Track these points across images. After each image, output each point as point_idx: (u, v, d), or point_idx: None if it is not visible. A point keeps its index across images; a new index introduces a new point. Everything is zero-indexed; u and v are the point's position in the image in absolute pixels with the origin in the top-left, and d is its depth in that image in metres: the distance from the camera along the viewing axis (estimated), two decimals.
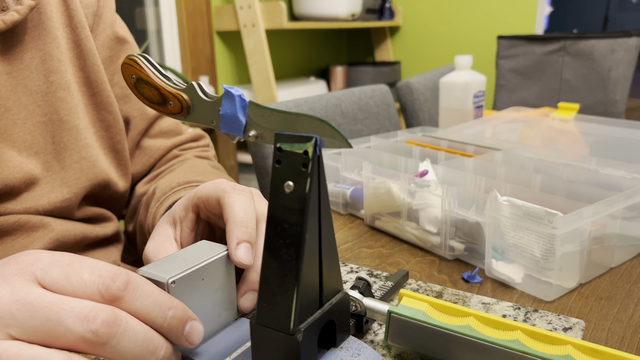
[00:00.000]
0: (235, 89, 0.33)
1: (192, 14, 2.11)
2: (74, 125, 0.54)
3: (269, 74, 2.06)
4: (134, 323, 0.27)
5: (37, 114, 0.52)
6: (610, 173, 0.60)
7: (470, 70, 1.06)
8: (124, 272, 0.28)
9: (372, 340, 0.38)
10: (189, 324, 0.30)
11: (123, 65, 0.37)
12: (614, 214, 0.50)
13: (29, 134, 0.51)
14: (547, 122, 0.92)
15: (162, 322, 0.29)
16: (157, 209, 0.54)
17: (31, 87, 0.52)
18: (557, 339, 0.31)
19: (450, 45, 2.60)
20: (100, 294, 0.27)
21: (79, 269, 0.28)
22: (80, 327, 0.26)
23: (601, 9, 4.74)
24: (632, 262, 0.54)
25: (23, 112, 0.51)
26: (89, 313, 0.26)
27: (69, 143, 0.54)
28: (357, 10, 2.43)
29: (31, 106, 0.52)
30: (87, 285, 0.28)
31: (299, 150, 0.29)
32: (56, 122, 0.53)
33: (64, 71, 0.54)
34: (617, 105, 1.59)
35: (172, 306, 0.29)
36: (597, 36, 1.59)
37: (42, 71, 0.53)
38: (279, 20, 2.06)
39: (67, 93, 0.54)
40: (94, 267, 0.28)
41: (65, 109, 0.54)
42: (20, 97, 0.51)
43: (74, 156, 0.55)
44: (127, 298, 0.28)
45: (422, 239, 0.57)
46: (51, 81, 0.53)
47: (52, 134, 0.53)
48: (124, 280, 0.28)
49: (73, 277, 0.28)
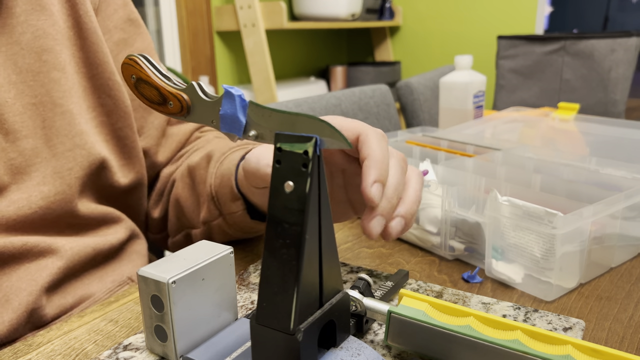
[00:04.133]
0: (235, 89, 0.33)
1: (192, 14, 2.11)
2: (67, 109, 0.50)
3: (269, 74, 2.06)
4: None
5: (27, 94, 0.48)
6: (610, 173, 0.60)
7: (470, 70, 1.06)
8: None
9: (372, 340, 0.38)
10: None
11: (123, 65, 0.37)
12: (614, 214, 0.50)
13: (18, 115, 0.47)
14: (547, 122, 0.92)
15: None
16: (222, 162, 0.53)
17: (21, 65, 0.48)
18: (557, 339, 0.31)
19: (450, 45, 2.60)
20: None
21: None
22: None
23: (601, 9, 4.74)
24: (632, 262, 0.54)
25: (13, 91, 0.47)
26: None
27: (62, 129, 0.50)
28: (357, 10, 2.43)
29: (21, 85, 0.47)
30: None
31: (299, 150, 0.29)
32: (48, 104, 0.49)
33: (59, 50, 0.50)
34: (617, 105, 1.59)
35: None
36: (597, 36, 1.59)
37: (35, 49, 0.48)
38: (279, 20, 2.06)
39: (61, 74, 0.50)
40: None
41: (59, 92, 0.49)
42: (9, 74, 0.47)
43: (67, 143, 0.50)
44: None
45: (422, 239, 0.57)
46: (44, 60, 0.49)
47: (43, 117, 0.49)
48: None
49: None
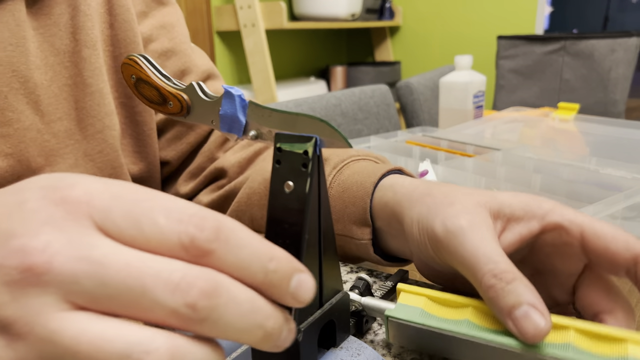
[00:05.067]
0: (235, 89, 0.33)
1: (192, 13, 2.11)
2: (97, 89, 0.48)
3: (269, 74, 2.06)
4: (237, 290, 0.20)
5: (64, 75, 0.47)
6: (610, 173, 0.60)
7: (470, 70, 1.06)
8: (211, 216, 0.21)
9: (372, 340, 0.38)
10: (295, 277, 0.22)
11: (123, 65, 0.37)
12: (614, 214, 0.50)
13: (53, 97, 0.46)
14: (547, 122, 0.92)
15: (262, 279, 0.21)
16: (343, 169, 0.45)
17: (59, 46, 0.46)
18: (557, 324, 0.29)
19: (450, 45, 2.60)
20: (183, 247, 0.20)
21: (151, 210, 0.20)
22: (172, 299, 0.19)
23: (601, 9, 4.75)
24: None
25: (50, 73, 0.46)
26: (181, 280, 0.19)
27: (91, 110, 0.48)
28: (357, 10, 2.43)
29: (58, 67, 0.46)
30: (165, 234, 0.20)
31: (299, 150, 0.29)
32: (79, 85, 0.47)
33: (90, 27, 0.48)
34: (617, 105, 1.59)
35: (273, 256, 0.21)
36: (597, 36, 1.59)
37: (70, 28, 0.47)
38: (279, 20, 2.06)
39: (92, 51, 0.48)
40: (170, 207, 0.21)
41: (89, 70, 0.48)
42: (47, 56, 0.46)
43: (97, 125, 0.48)
44: (219, 252, 0.20)
45: None
46: (77, 39, 0.47)
47: (76, 98, 0.47)
48: (214, 227, 0.20)
49: (144, 223, 0.20)
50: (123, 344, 0.18)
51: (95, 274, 0.19)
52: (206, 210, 0.21)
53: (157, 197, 0.21)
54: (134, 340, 0.19)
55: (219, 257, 0.20)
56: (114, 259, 0.19)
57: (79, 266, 0.19)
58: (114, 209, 0.20)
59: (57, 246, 0.19)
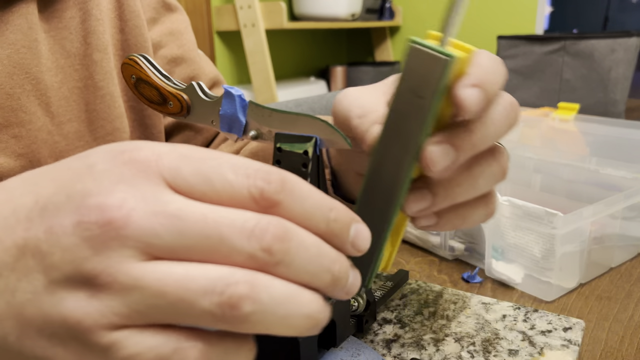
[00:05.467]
0: (235, 89, 0.33)
1: (192, 13, 2.11)
2: (108, 92, 0.49)
3: (269, 74, 2.06)
4: (304, 235, 0.21)
5: (74, 78, 0.47)
6: (610, 173, 0.60)
7: None
8: (275, 170, 0.22)
9: (372, 340, 0.38)
10: (354, 226, 0.23)
11: (123, 65, 0.37)
12: (614, 214, 0.50)
13: (63, 99, 0.47)
14: (547, 122, 0.92)
15: (324, 228, 0.22)
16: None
17: (69, 49, 0.47)
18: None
19: None
20: (253, 199, 0.21)
21: (219, 166, 0.21)
22: (249, 245, 0.20)
23: (601, 9, 4.75)
24: (632, 262, 0.54)
25: (60, 75, 0.47)
26: (255, 227, 0.20)
27: (102, 112, 0.49)
28: (357, 10, 2.43)
29: (68, 69, 0.47)
30: (235, 188, 0.21)
31: (299, 150, 0.29)
32: (90, 87, 0.48)
33: (102, 31, 0.49)
34: (617, 105, 1.59)
35: (333, 207, 0.23)
36: (597, 36, 1.59)
37: (81, 32, 0.48)
38: (279, 20, 2.06)
39: (103, 55, 0.49)
40: (237, 164, 0.22)
41: (100, 74, 0.49)
42: (58, 59, 0.47)
43: (107, 127, 0.49)
44: (285, 202, 0.21)
45: (422, 239, 0.57)
46: (88, 43, 0.48)
47: (86, 100, 0.48)
48: (279, 179, 0.21)
49: (214, 179, 0.21)
50: (206, 280, 0.19)
51: (173, 226, 0.20)
52: (269, 165, 0.22)
53: (222, 156, 0.22)
54: (215, 276, 0.20)
55: (286, 207, 0.21)
56: (190, 212, 0.20)
57: (157, 220, 0.20)
58: (183, 167, 0.21)
59: (132, 202, 0.20)
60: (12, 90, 0.43)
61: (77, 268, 0.20)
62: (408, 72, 0.26)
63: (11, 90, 0.43)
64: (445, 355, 0.36)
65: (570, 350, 0.36)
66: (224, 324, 0.20)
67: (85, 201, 0.20)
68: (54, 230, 0.20)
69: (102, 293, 0.20)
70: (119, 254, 0.20)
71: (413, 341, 0.38)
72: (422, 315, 0.41)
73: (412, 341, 0.38)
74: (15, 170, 0.43)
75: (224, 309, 0.19)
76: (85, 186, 0.21)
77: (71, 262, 0.20)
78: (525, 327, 0.39)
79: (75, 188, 0.21)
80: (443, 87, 0.26)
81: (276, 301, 0.20)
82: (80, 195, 0.20)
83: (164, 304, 0.20)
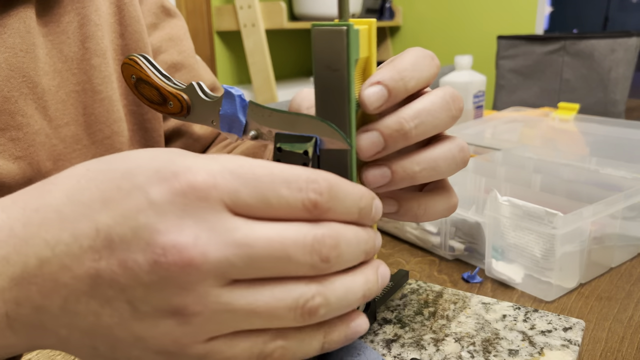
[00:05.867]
0: (235, 89, 0.33)
1: (192, 13, 2.11)
2: (106, 96, 0.50)
3: (269, 74, 2.06)
4: (348, 234, 0.25)
5: (71, 82, 0.48)
6: (610, 173, 0.60)
7: (470, 70, 1.06)
8: (321, 177, 0.24)
9: (372, 340, 0.38)
10: (374, 206, 0.27)
11: (123, 65, 0.37)
12: (614, 214, 0.50)
13: (60, 102, 0.47)
14: (547, 122, 0.92)
15: (357, 216, 0.26)
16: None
17: (67, 53, 0.48)
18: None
19: (450, 45, 2.60)
20: (307, 210, 0.23)
21: (272, 184, 0.23)
22: (311, 259, 0.23)
23: (601, 9, 4.75)
24: (632, 262, 0.54)
25: (57, 79, 0.47)
26: (313, 242, 0.23)
27: (101, 116, 0.49)
28: (357, 10, 2.43)
29: (66, 73, 0.48)
30: (291, 203, 0.23)
31: (299, 150, 0.29)
32: (89, 92, 0.49)
33: (100, 36, 0.49)
34: (617, 105, 1.59)
35: (362, 195, 0.26)
36: (597, 36, 1.59)
37: (79, 37, 0.48)
38: (279, 20, 2.06)
39: (102, 60, 0.49)
40: (287, 177, 0.23)
41: (99, 78, 0.49)
42: (55, 62, 0.47)
43: (105, 130, 0.50)
44: (333, 208, 0.24)
45: (422, 239, 0.57)
46: (87, 47, 0.49)
47: (84, 104, 0.49)
48: (327, 188, 0.24)
49: (270, 197, 0.23)
50: (290, 299, 0.23)
51: (245, 254, 0.22)
52: (313, 171, 0.24)
53: (272, 169, 0.23)
54: (296, 295, 0.23)
55: (333, 211, 0.24)
56: (256, 237, 0.22)
57: (229, 250, 0.22)
58: (240, 189, 0.22)
59: (204, 237, 0.21)
60: (9, 93, 0.43)
61: (165, 302, 0.22)
62: (318, 52, 0.29)
63: (8, 93, 0.43)
64: (445, 355, 0.36)
65: (570, 350, 0.36)
66: (302, 324, 0.24)
67: (156, 239, 0.21)
68: (128, 265, 0.21)
69: (194, 319, 0.22)
70: (202, 285, 0.22)
71: (413, 341, 0.38)
72: (422, 315, 0.41)
73: (412, 341, 0.38)
74: (13, 173, 0.43)
75: (305, 317, 0.23)
76: (149, 221, 0.21)
77: (157, 298, 0.22)
78: (525, 327, 0.39)
79: (138, 221, 0.21)
80: (355, 55, 0.28)
81: (340, 298, 0.24)
82: (147, 231, 0.21)
83: (255, 321, 0.23)
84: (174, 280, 0.21)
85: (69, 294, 0.22)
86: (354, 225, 0.25)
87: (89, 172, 0.24)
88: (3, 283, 0.23)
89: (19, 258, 0.23)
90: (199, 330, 0.22)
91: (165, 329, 0.22)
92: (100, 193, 0.23)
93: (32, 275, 0.22)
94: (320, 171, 0.25)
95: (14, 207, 0.24)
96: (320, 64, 0.29)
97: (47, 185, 0.24)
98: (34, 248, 0.22)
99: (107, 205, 0.22)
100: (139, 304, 0.22)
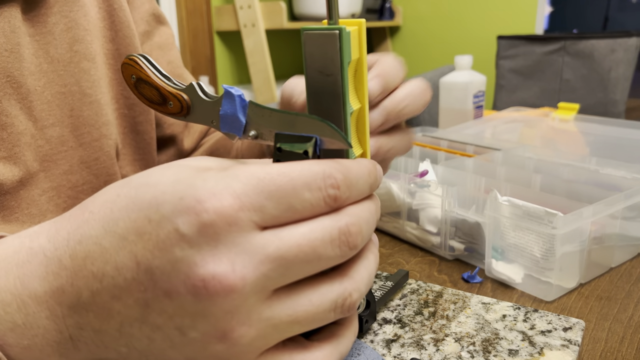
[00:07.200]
0: (235, 89, 0.33)
1: (192, 13, 2.11)
2: (95, 99, 0.50)
3: (269, 74, 2.06)
4: (366, 215, 0.26)
5: (58, 83, 0.48)
6: (610, 173, 0.60)
7: (470, 70, 1.06)
8: (334, 169, 0.25)
9: (372, 340, 0.38)
10: (378, 176, 0.28)
11: (123, 65, 0.37)
12: (614, 214, 0.50)
13: (46, 103, 0.47)
14: (547, 122, 0.92)
15: (369, 191, 0.27)
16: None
17: (53, 54, 0.48)
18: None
19: (450, 45, 2.60)
20: (328, 205, 0.25)
21: (294, 189, 0.24)
22: (340, 252, 0.24)
23: (601, 9, 4.75)
24: (632, 262, 0.54)
25: (43, 79, 0.47)
26: (339, 235, 0.24)
27: (89, 118, 0.49)
28: (357, 10, 2.43)
29: (52, 74, 0.48)
30: (314, 205, 0.24)
31: (299, 150, 0.29)
32: (76, 94, 0.49)
33: (89, 41, 0.50)
34: (617, 105, 1.59)
35: (369, 171, 0.27)
36: (597, 36, 1.59)
37: (67, 39, 0.48)
38: (279, 20, 2.06)
39: (91, 64, 0.50)
40: (305, 179, 0.24)
41: (88, 82, 0.49)
42: (41, 63, 0.47)
43: (94, 133, 0.50)
44: (351, 196, 0.26)
45: (422, 239, 0.57)
46: (75, 51, 0.49)
47: (71, 106, 0.49)
48: (343, 180, 0.25)
49: (295, 204, 0.24)
50: (330, 302, 0.25)
51: (279, 266, 0.23)
52: (325, 164, 0.25)
53: (290, 174, 0.24)
54: (335, 296, 0.25)
55: (351, 199, 0.26)
56: (287, 247, 0.23)
57: (265, 267, 0.23)
58: (265, 203, 0.23)
59: (240, 261, 0.22)
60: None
61: (212, 328, 0.23)
62: (310, 57, 0.28)
63: None
64: (445, 355, 0.36)
65: (570, 350, 0.36)
66: (340, 317, 0.26)
67: (194, 271, 0.22)
68: (173, 296, 0.23)
69: (242, 339, 0.23)
70: (245, 306, 0.23)
71: (413, 341, 0.38)
72: (422, 315, 0.41)
73: (412, 341, 0.38)
74: (0, 174, 0.43)
75: (345, 313, 0.25)
76: (185, 254, 0.22)
77: (203, 324, 0.23)
78: (525, 327, 0.39)
79: (175, 255, 0.22)
80: (347, 58, 0.28)
81: (367, 284, 0.27)
82: (185, 265, 0.22)
83: (298, 328, 0.25)
84: (217, 307, 0.22)
85: (123, 319, 0.24)
86: (366, 201, 0.27)
87: (119, 199, 0.24)
88: (63, 311, 0.24)
89: (73, 289, 0.24)
90: (247, 349, 0.24)
91: (216, 352, 0.24)
92: (132, 223, 0.23)
93: (88, 304, 0.24)
94: (329, 162, 0.25)
95: (59, 238, 0.25)
96: (312, 69, 0.29)
97: (85, 214, 0.25)
98: (84, 280, 0.24)
99: (141, 237, 0.23)
100: (188, 330, 0.23)
